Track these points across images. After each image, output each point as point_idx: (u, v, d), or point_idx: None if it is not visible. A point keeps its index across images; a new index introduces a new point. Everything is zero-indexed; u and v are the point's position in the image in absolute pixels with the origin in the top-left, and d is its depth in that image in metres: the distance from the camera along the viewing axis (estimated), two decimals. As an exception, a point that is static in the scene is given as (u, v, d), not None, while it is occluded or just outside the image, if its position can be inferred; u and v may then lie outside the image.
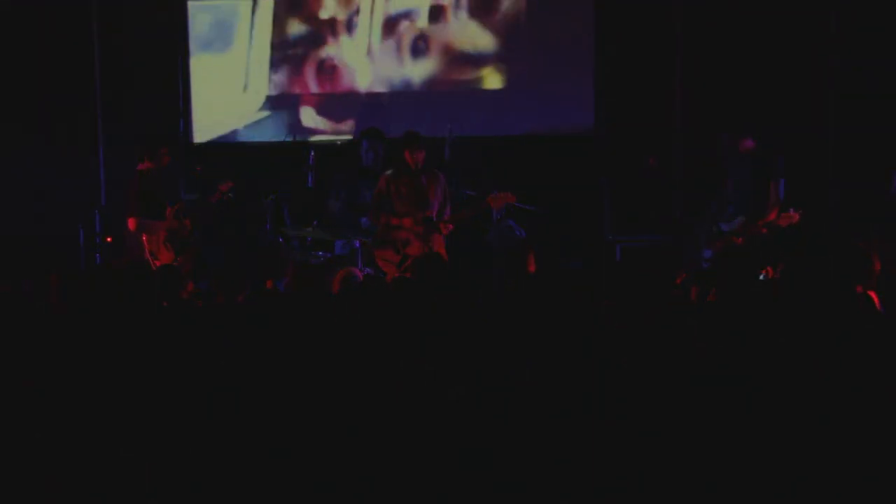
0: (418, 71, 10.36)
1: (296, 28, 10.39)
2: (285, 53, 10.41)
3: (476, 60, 10.34)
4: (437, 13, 10.31)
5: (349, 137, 10.19)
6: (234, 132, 10.48)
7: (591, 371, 4.40)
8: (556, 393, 4.22)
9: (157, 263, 7.90)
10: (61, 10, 10.32)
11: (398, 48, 10.34)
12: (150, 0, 10.37)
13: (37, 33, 10.29)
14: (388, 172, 8.54)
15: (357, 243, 8.60)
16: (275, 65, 10.41)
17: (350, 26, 10.35)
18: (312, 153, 9.23)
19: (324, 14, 10.37)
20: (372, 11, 10.34)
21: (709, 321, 5.00)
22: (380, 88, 10.40)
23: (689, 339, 4.71)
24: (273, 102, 10.46)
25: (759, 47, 10.06)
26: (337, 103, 10.43)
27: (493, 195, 8.43)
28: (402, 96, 10.37)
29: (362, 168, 9.15)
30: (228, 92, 10.46)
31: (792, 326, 4.85)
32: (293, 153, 9.78)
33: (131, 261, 7.98)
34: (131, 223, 8.15)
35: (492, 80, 10.37)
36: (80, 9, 10.33)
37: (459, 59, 10.33)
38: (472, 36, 10.32)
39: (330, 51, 10.39)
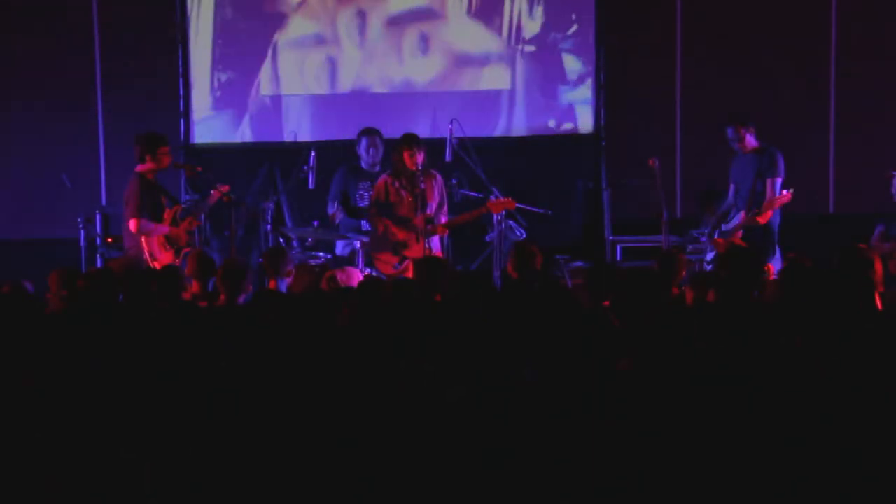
0: (419, 71, 10.35)
1: (297, 28, 10.38)
2: (286, 53, 10.40)
3: (477, 61, 10.34)
4: (438, 13, 10.31)
5: (349, 137, 10.18)
6: (235, 132, 10.47)
7: (591, 371, 4.40)
8: (556, 393, 4.22)
9: (156, 265, 7.87)
10: (62, 11, 10.31)
11: (399, 48, 10.33)
12: (151, 0, 10.37)
13: (37, 33, 10.28)
14: (387, 173, 8.54)
15: (357, 244, 8.60)
16: (275, 64, 10.40)
17: (351, 26, 10.34)
18: (313, 153, 9.22)
19: (325, 13, 10.37)
20: (373, 11, 10.33)
21: (709, 321, 5.00)
22: (380, 89, 10.39)
23: (689, 339, 4.71)
24: (273, 102, 10.46)
25: (759, 46, 10.06)
26: (337, 103, 10.43)
27: (494, 200, 8.43)
28: (402, 96, 10.37)
29: (362, 168, 9.14)
30: (229, 92, 10.45)
31: (792, 326, 4.85)
32: (293, 153, 9.77)
33: (129, 261, 7.97)
34: (132, 225, 8.09)
35: (493, 80, 10.36)
36: (80, 9, 10.32)
37: (460, 60, 10.32)
38: (474, 36, 10.31)
39: (330, 51, 10.39)
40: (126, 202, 8.18)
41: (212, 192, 8.31)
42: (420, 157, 8.33)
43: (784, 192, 8.16)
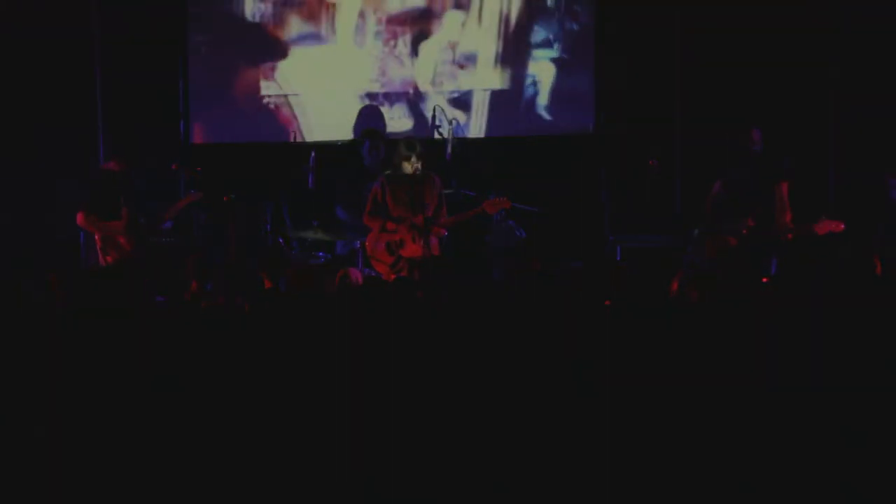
0: (418, 70, 10.35)
1: (296, 27, 10.39)
2: (285, 52, 10.40)
3: (477, 61, 10.34)
4: (437, 13, 10.31)
5: (350, 138, 10.19)
6: (235, 132, 10.47)
7: (591, 371, 4.40)
8: (554, 392, 4.23)
9: (109, 259, 8.08)
10: (62, 11, 10.31)
11: (398, 48, 10.34)
12: (150, 1, 10.37)
13: (37, 34, 10.28)
14: (385, 175, 8.56)
15: (357, 244, 8.61)
16: (274, 64, 10.40)
17: (350, 25, 10.35)
18: (313, 154, 9.23)
19: (324, 13, 10.37)
20: (372, 11, 10.34)
21: (709, 321, 5.00)
22: (379, 88, 10.39)
23: (688, 339, 4.71)
24: (273, 102, 10.46)
25: (759, 46, 10.06)
26: (337, 103, 10.43)
27: (490, 200, 8.44)
28: (401, 96, 10.37)
29: (364, 169, 9.16)
30: (229, 91, 10.46)
31: (790, 326, 4.86)
32: (293, 153, 9.78)
33: (126, 260, 8.04)
34: (79, 217, 8.35)
35: (492, 80, 10.36)
36: (80, 9, 10.33)
37: (460, 59, 10.32)
38: (473, 36, 10.31)
39: (330, 50, 10.39)
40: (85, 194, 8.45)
41: (183, 197, 8.54)
42: (419, 162, 8.38)
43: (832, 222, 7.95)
